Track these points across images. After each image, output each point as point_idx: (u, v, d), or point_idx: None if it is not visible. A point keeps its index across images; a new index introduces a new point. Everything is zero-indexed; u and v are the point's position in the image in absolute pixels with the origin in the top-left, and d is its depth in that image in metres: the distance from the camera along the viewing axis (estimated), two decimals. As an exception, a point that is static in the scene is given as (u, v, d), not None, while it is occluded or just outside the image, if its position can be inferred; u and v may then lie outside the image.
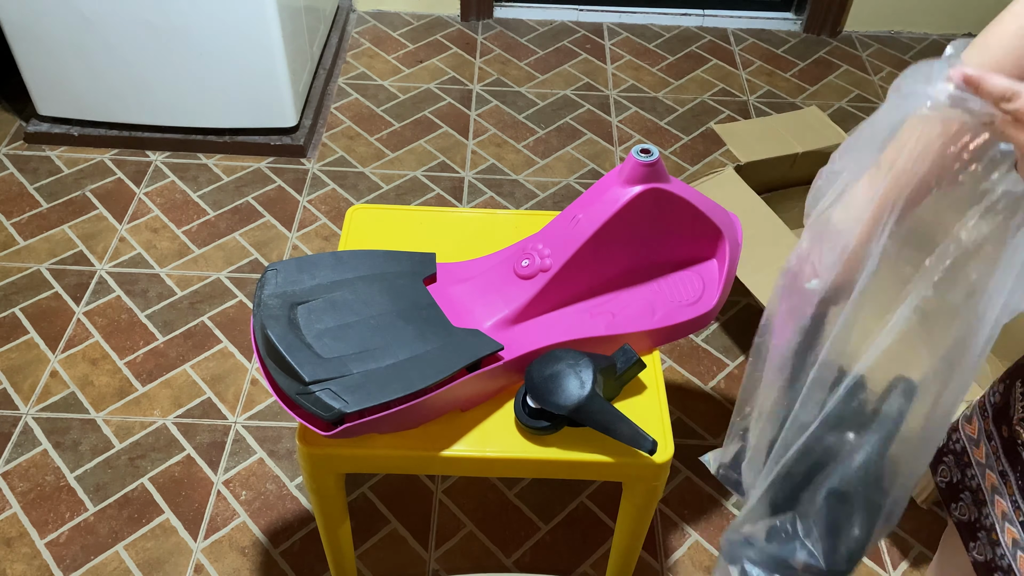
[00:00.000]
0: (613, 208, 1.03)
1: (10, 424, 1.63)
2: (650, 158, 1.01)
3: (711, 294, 1.13)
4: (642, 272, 1.13)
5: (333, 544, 1.23)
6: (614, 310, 1.10)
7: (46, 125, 2.22)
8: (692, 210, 1.08)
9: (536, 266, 1.07)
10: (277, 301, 1.02)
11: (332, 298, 1.03)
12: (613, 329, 1.07)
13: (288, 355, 0.94)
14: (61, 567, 1.43)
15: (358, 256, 1.11)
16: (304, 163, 2.22)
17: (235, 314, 1.84)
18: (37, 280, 1.89)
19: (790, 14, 2.81)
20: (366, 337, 0.99)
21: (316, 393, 0.92)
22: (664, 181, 1.04)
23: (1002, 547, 0.85)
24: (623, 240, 1.07)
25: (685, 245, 1.13)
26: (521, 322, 1.07)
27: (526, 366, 1.03)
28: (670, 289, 1.13)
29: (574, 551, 1.49)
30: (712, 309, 1.12)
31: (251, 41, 2.02)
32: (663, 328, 1.10)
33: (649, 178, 1.03)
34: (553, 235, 1.08)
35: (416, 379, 0.95)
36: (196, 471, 1.58)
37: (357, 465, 1.08)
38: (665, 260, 1.14)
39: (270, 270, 1.06)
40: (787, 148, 1.88)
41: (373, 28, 2.72)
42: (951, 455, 0.95)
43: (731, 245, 1.13)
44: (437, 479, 1.59)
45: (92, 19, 1.98)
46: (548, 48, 2.67)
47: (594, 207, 1.05)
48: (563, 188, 2.19)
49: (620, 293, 1.12)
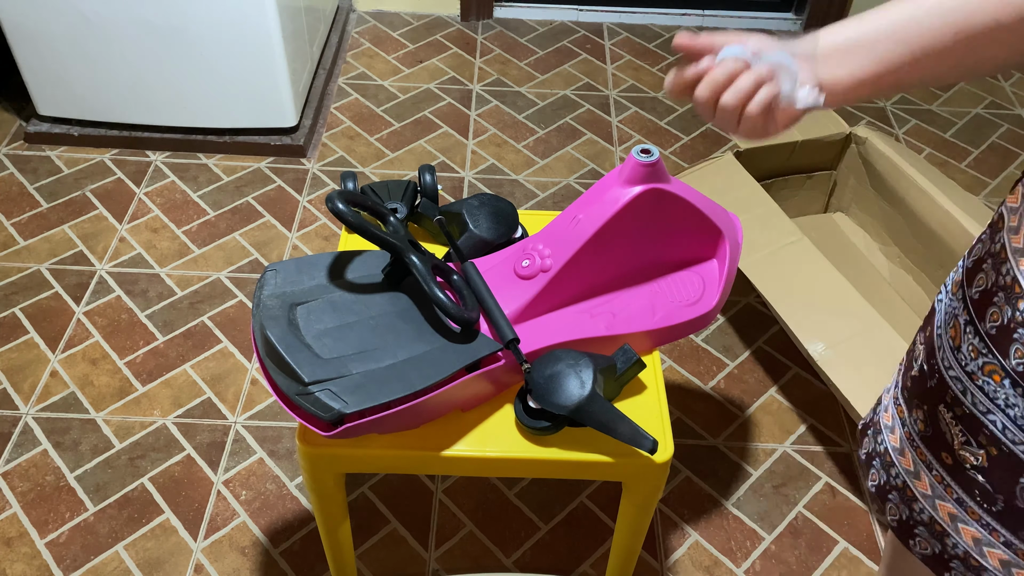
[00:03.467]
0: (613, 208, 1.03)
1: (10, 424, 1.63)
2: (650, 158, 1.01)
3: (711, 294, 1.12)
4: (642, 272, 1.13)
5: (333, 544, 1.23)
6: (614, 310, 1.10)
7: (46, 125, 2.22)
8: (692, 210, 1.08)
9: (536, 266, 1.06)
10: (276, 302, 1.02)
11: (332, 298, 1.03)
12: (613, 329, 1.07)
13: (287, 355, 0.94)
14: (61, 567, 1.43)
15: (358, 256, 1.11)
16: (304, 163, 2.22)
17: (235, 314, 1.84)
18: (37, 280, 1.89)
19: (790, 14, 2.81)
20: (366, 337, 0.99)
21: (316, 393, 0.91)
22: (664, 181, 1.04)
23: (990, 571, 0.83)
24: (623, 240, 1.07)
25: (685, 245, 1.13)
26: (521, 322, 1.06)
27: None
28: (670, 289, 1.13)
29: (574, 551, 1.49)
30: (712, 309, 1.11)
31: (251, 41, 2.02)
32: (663, 328, 1.09)
33: (649, 178, 1.03)
34: (553, 235, 1.07)
35: (416, 379, 0.95)
36: (196, 471, 1.58)
37: (357, 465, 1.08)
38: (665, 260, 1.13)
39: (269, 271, 1.06)
40: (787, 136, 1.88)
41: (373, 28, 2.72)
42: (895, 491, 0.90)
43: (731, 245, 1.12)
44: (437, 479, 1.59)
45: (92, 19, 1.98)
46: (548, 48, 2.68)
47: (594, 207, 1.05)
48: (563, 188, 2.19)
49: (620, 293, 1.11)
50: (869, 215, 1.96)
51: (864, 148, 1.90)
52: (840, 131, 1.92)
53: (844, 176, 1.99)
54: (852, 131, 1.91)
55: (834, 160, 1.99)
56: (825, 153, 1.96)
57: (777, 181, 1.96)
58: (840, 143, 1.94)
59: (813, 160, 1.97)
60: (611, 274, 1.10)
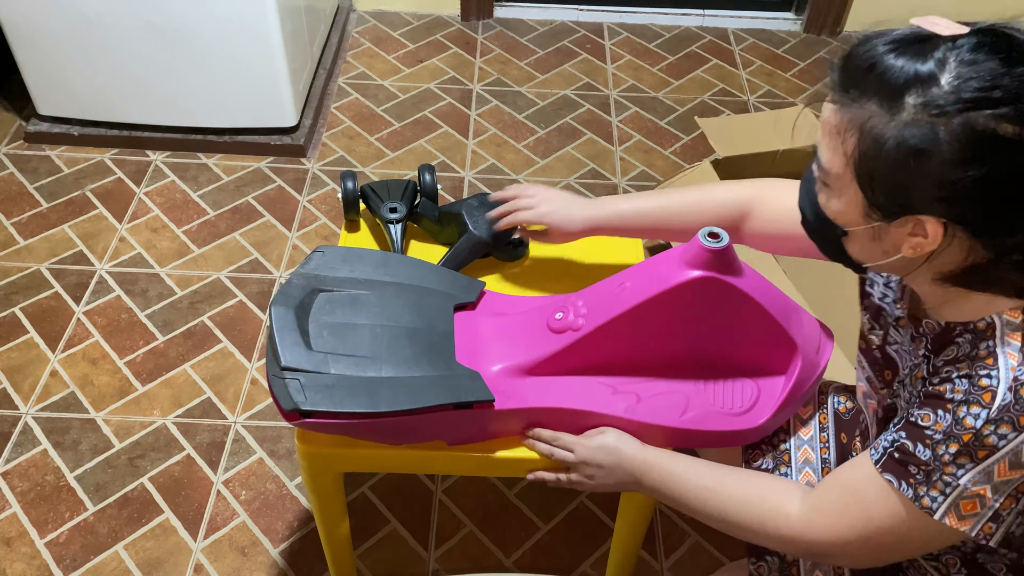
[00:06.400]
0: (661, 286, 0.93)
1: (10, 424, 1.63)
2: (717, 244, 0.90)
3: (763, 410, 0.99)
4: (689, 365, 1.01)
5: (332, 543, 1.23)
6: (641, 394, 1.00)
7: (46, 125, 2.22)
8: (761, 312, 0.96)
9: (568, 322, 0.99)
10: (302, 281, 1.01)
11: (356, 295, 1.01)
12: (632, 414, 0.98)
13: (276, 335, 0.93)
14: (61, 567, 1.43)
15: (405, 263, 1.08)
16: (304, 163, 2.22)
17: (235, 314, 1.84)
18: (37, 280, 1.89)
19: (790, 14, 2.81)
20: (363, 343, 0.97)
21: (286, 380, 0.90)
22: (732, 273, 0.93)
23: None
24: (669, 323, 0.97)
25: (747, 350, 1.00)
26: (536, 375, 1.00)
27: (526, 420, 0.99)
28: (715, 392, 1.01)
29: (574, 551, 1.49)
30: (758, 427, 0.99)
31: (251, 41, 2.02)
32: (690, 430, 0.98)
33: (712, 265, 0.92)
34: (596, 296, 1.01)
35: (383, 401, 0.91)
36: (196, 471, 1.58)
37: (356, 464, 1.08)
38: (719, 360, 1.01)
39: (316, 251, 1.05)
40: (768, 145, 1.83)
41: (373, 28, 2.72)
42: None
43: (805, 364, 0.99)
44: (437, 479, 1.59)
45: (92, 19, 1.98)
46: (548, 48, 2.67)
47: (643, 279, 0.96)
48: (563, 188, 2.18)
49: (655, 380, 1.01)
50: None
51: None
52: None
53: (827, 188, 1.95)
54: None
55: (817, 170, 1.95)
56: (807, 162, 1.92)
57: None
58: None
59: (796, 169, 1.88)
60: (649, 356, 1.00)
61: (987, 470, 0.71)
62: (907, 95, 0.67)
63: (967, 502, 0.73)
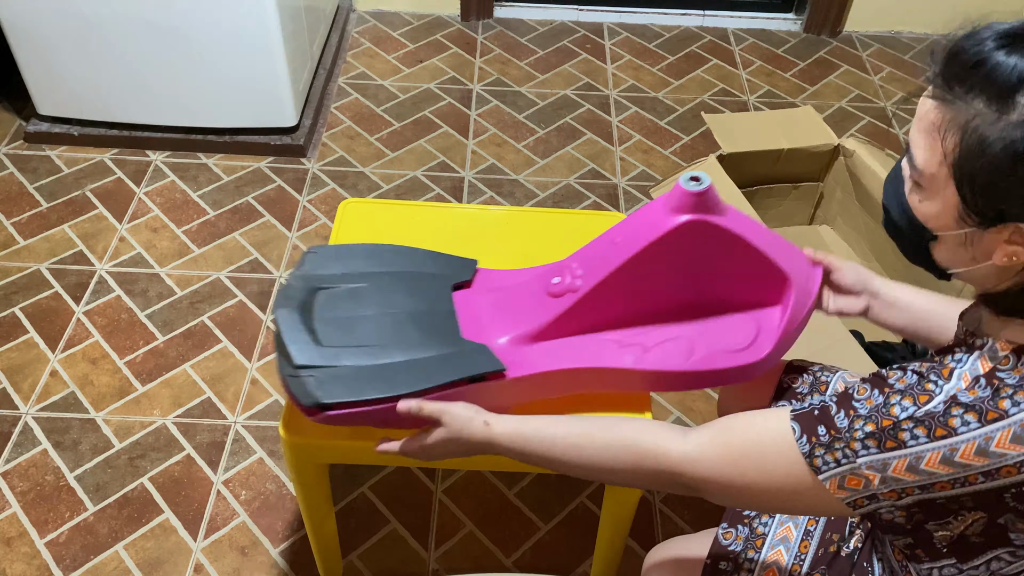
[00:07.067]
0: (651, 236, 0.95)
1: (10, 424, 1.63)
2: (699, 187, 0.92)
3: (764, 343, 1.00)
4: (687, 309, 1.03)
5: (318, 535, 1.24)
6: (647, 344, 1.01)
7: (46, 125, 2.22)
8: (749, 249, 0.97)
9: (566, 285, 1.01)
10: (300, 283, 1.02)
11: (354, 289, 1.03)
12: (641, 364, 0.99)
13: (285, 337, 0.95)
14: (61, 567, 1.43)
15: (396, 251, 1.09)
16: (304, 163, 2.22)
17: (235, 314, 1.84)
18: (37, 280, 1.89)
19: (790, 14, 2.81)
20: (371, 333, 0.99)
21: (302, 377, 0.92)
22: (716, 213, 0.95)
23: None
24: (664, 271, 0.99)
25: (741, 287, 1.02)
26: (541, 341, 1.01)
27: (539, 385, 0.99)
28: (717, 331, 1.02)
29: (574, 551, 1.49)
30: (763, 359, 1.00)
31: (251, 41, 2.02)
32: (700, 371, 1.00)
33: (697, 208, 0.93)
34: (589, 256, 1.02)
35: (401, 383, 0.92)
36: (196, 471, 1.58)
37: (340, 456, 1.08)
38: (716, 300, 1.03)
39: (309, 253, 1.06)
40: (774, 143, 1.84)
41: (373, 28, 2.72)
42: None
43: (798, 293, 1.00)
44: (437, 479, 1.59)
45: (92, 19, 1.98)
46: (548, 48, 2.67)
47: (633, 232, 0.97)
48: (563, 188, 2.19)
49: (658, 327, 1.03)
50: (854, 229, 1.93)
51: (852, 161, 1.85)
52: (828, 142, 1.87)
53: (831, 188, 1.95)
54: (840, 143, 1.86)
55: (821, 171, 1.94)
56: (812, 163, 1.91)
57: (762, 189, 1.92)
58: (828, 154, 1.89)
59: (800, 170, 1.92)
60: (649, 306, 1.02)
61: (886, 461, 0.71)
62: (1019, 95, 0.63)
63: (854, 478, 0.73)
